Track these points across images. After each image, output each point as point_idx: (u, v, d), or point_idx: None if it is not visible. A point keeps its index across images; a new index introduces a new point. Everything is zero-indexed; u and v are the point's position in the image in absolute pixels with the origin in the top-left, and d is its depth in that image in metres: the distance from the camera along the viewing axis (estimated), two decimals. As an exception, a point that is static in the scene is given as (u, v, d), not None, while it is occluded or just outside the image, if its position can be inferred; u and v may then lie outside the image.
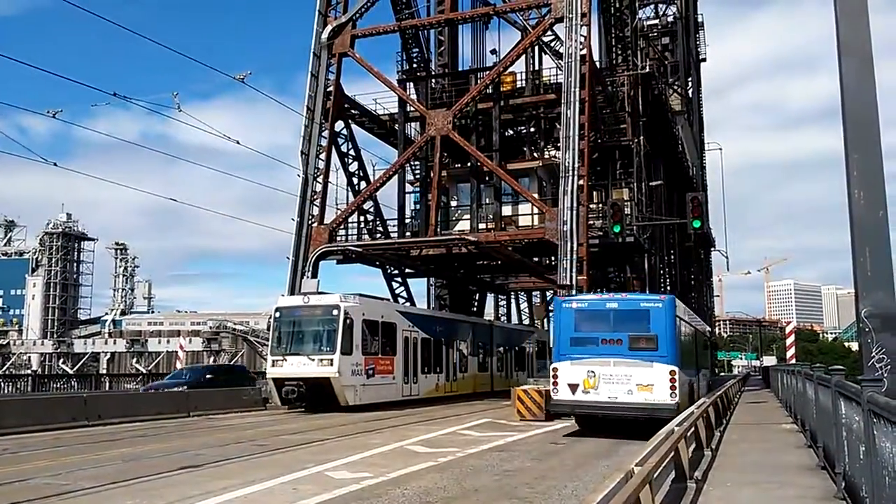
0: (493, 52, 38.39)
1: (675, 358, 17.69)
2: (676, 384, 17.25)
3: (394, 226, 35.56)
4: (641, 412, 16.98)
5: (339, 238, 33.11)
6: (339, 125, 34.39)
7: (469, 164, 34.07)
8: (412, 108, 34.65)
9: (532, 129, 37.11)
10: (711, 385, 27.51)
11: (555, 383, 18.20)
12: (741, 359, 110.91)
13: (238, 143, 31.31)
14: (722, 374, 72.24)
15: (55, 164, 26.81)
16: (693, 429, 11.51)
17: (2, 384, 24.70)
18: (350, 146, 35.35)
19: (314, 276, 31.11)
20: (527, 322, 56.80)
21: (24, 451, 14.92)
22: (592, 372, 17.70)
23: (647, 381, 17.30)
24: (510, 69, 33.69)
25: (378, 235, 35.23)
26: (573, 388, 17.88)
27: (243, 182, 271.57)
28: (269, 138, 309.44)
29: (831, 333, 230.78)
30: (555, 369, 18.35)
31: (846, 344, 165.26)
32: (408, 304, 38.07)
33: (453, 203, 35.12)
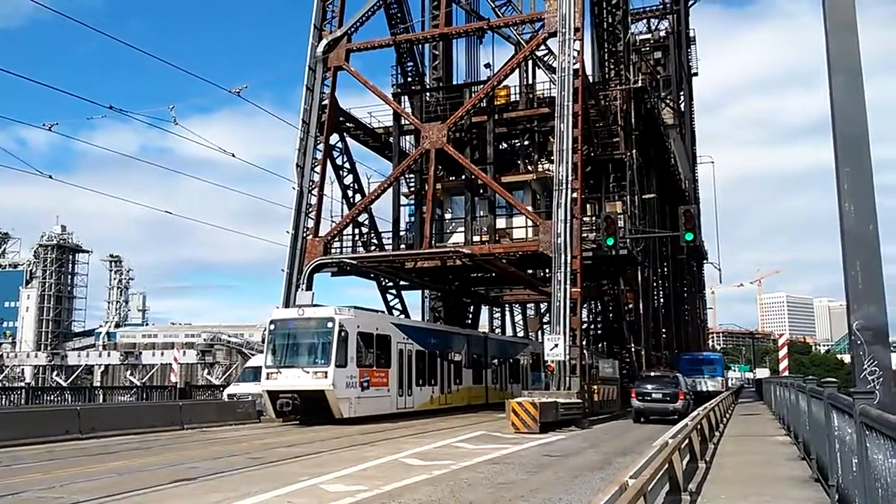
0: (487, 66, 38.66)
1: (722, 373, 45.38)
2: (724, 383, 44.41)
3: (388, 238, 35.58)
4: (713, 393, 35.71)
5: (333, 250, 33.12)
6: (335, 138, 34.46)
7: (463, 177, 34.17)
8: (407, 122, 34.77)
9: (526, 143, 37.26)
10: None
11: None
12: (734, 371, 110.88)
13: (233, 155, 31.26)
14: None
15: (50, 177, 26.92)
16: (687, 441, 11.54)
17: (-6, 397, 24.60)
18: (345, 159, 35.42)
19: (309, 288, 31.07)
20: (521, 334, 56.79)
21: (16, 463, 14.85)
22: (693, 381, 38.46)
23: (714, 383, 42.27)
24: (504, 83, 33.90)
25: (373, 248, 35.24)
26: (686, 384, 32.23)
27: (240, 194, 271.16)
28: (269, 151, 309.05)
29: (824, 346, 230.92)
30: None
31: (838, 356, 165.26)
32: (402, 316, 38.05)
33: (448, 216, 35.20)
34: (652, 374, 29.77)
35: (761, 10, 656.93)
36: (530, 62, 34.59)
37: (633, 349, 40.52)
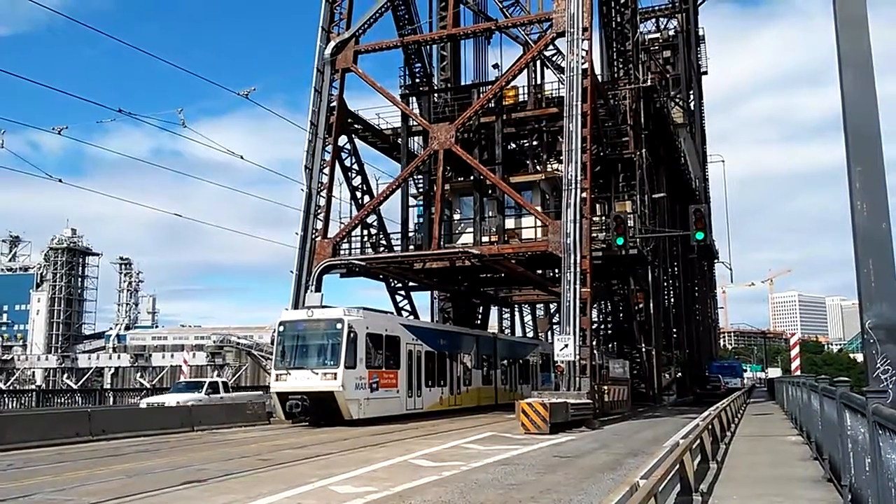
0: (496, 66, 38.58)
1: (741, 375, 66.64)
2: (742, 382, 60.84)
3: (397, 239, 35.59)
4: (736, 388, 46.31)
5: (342, 252, 33.13)
6: (343, 140, 34.49)
7: (472, 178, 34.12)
8: (415, 123, 34.74)
9: (534, 143, 37.18)
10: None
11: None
12: (746, 370, 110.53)
13: (242, 158, 31.39)
14: None
15: (60, 181, 26.99)
16: (698, 441, 11.46)
17: (6, 399, 24.73)
18: (353, 160, 35.48)
19: (318, 289, 31.09)
20: (531, 335, 56.70)
21: (28, 466, 14.91)
22: (727, 380, 53.39)
23: (735, 381, 55.84)
24: (512, 83, 33.82)
25: (381, 249, 35.25)
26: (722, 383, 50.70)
27: (252, 197, 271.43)
28: (281, 153, 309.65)
29: (836, 345, 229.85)
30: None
31: (851, 355, 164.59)
32: (411, 317, 38.03)
33: (456, 216, 35.14)
34: (706, 376, 56.60)
35: (774, 10, 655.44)
36: (538, 62, 34.52)
37: (643, 349, 40.39)
